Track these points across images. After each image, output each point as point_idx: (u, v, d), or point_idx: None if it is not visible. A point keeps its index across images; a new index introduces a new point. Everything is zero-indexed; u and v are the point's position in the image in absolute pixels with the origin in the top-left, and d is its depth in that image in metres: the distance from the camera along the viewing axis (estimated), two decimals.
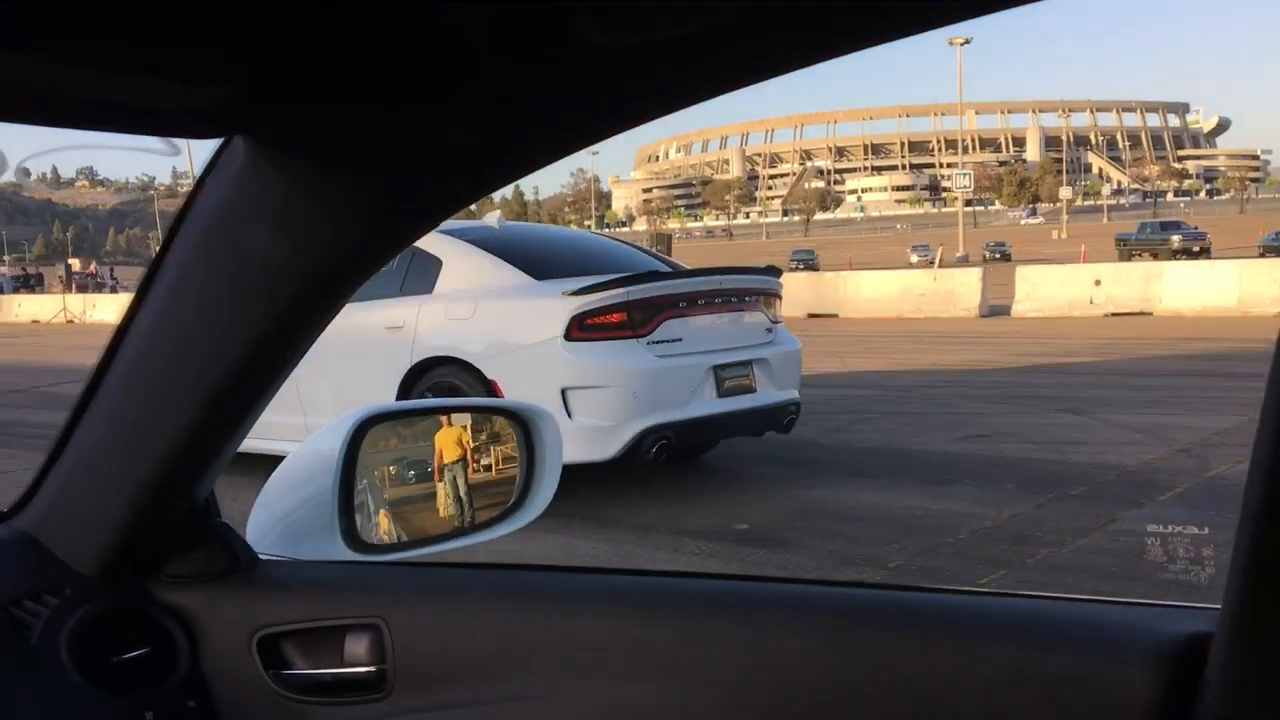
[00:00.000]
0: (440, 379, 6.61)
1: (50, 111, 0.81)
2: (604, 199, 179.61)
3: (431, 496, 1.40)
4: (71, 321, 35.59)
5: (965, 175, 53.06)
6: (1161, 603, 1.01)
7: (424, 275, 6.89)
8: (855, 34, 0.72)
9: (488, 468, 1.41)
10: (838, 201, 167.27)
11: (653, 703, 1.10)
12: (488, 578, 1.25)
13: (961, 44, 53.38)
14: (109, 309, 34.78)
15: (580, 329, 6.20)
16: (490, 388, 6.27)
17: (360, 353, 6.72)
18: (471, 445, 1.41)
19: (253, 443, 4.59)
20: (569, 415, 6.03)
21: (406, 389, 6.66)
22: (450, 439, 1.39)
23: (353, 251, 0.99)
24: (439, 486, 1.39)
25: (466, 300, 6.67)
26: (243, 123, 0.91)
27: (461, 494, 1.39)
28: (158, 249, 1.08)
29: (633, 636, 1.12)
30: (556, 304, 6.29)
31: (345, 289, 1.04)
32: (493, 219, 7.54)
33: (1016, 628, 1.02)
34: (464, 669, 1.16)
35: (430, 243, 6.79)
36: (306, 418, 6.64)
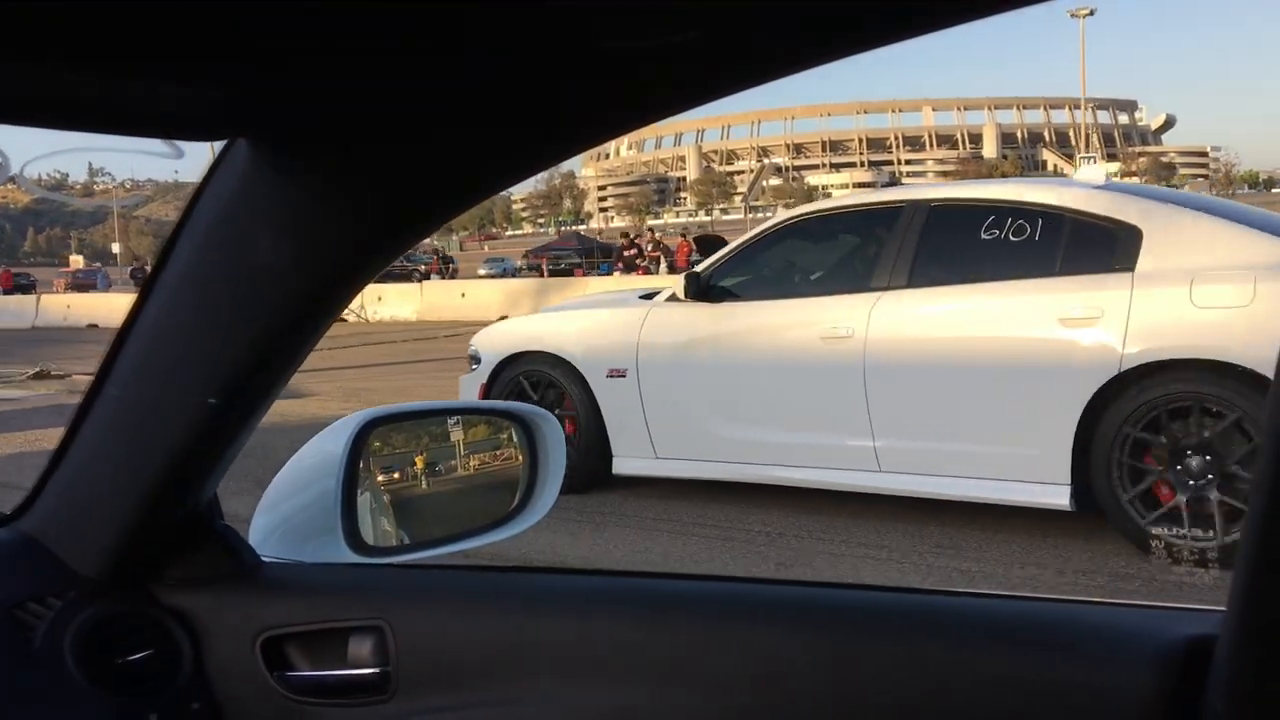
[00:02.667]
0: (1173, 392, 4.68)
1: (53, 115, 0.81)
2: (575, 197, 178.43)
3: (435, 498, 1.40)
4: None
5: (1091, 160, 51.42)
6: (1165, 605, 1.03)
7: (1104, 247, 5.01)
8: (859, 36, 0.73)
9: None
10: (826, 196, 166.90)
11: (656, 705, 1.11)
12: (491, 580, 1.25)
13: (1085, 15, 50.13)
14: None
15: None
16: None
17: (1003, 356, 5.09)
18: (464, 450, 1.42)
19: (820, 474, 4.89)
20: None
21: (1100, 407, 4.79)
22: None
23: (357, 253, 1.00)
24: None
25: (1230, 280, 4.64)
26: (246, 125, 0.91)
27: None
28: (158, 251, 1.08)
29: (637, 639, 1.13)
30: None
31: (349, 290, 1.04)
32: (1096, 174, 5.93)
33: (1018, 630, 1.03)
34: (468, 671, 1.16)
35: (1098, 203, 5.14)
36: (879, 441, 5.36)
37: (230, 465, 1.18)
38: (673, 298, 6.19)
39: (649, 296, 6.54)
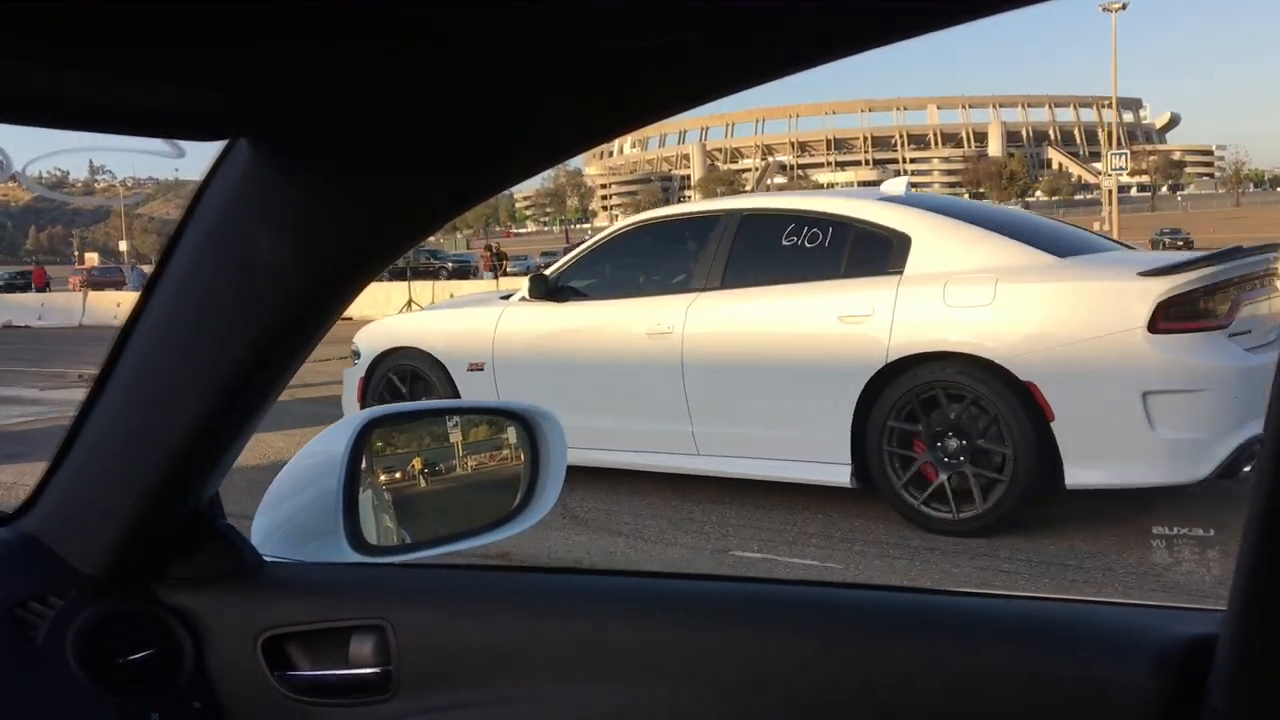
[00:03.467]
0: (930, 381, 5.34)
1: (54, 114, 0.81)
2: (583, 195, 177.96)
3: (436, 498, 1.40)
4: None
5: (1120, 156, 50.52)
6: (1166, 605, 1.02)
7: (880, 252, 5.68)
8: (860, 35, 0.73)
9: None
10: None
11: (657, 705, 1.11)
12: (492, 580, 1.25)
13: (1118, 9, 49.96)
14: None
15: (1166, 318, 4.93)
16: (1024, 392, 5.09)
17: (795, 350, 5.75)
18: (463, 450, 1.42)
19: (646, 458, 5.59)
20: (1151, 426, 4.90)
21: (872, 395, 5.47)
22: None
23: (358, 252, 1.00)
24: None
25: (976, 282, 5.30)
26: (247, 125, 0.92)
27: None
28: (160, 251, 1.08)
29: (638, 639, 1.13)
30: (1133, 287, 5.03)
31: (350, 290, 1.04)
32: (899, 186, 6.54)
33: (1020, 630, 1.03)
34: (469, 670, 1.16)
35: (879, 213, 5.81)
36: (697, 427, 6.00)
37: (232, 464, 1.18)
38: (524, 298, 6.85)
39: (509, 297, 7.18)
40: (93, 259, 76.37)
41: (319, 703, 1.19)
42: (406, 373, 7.07)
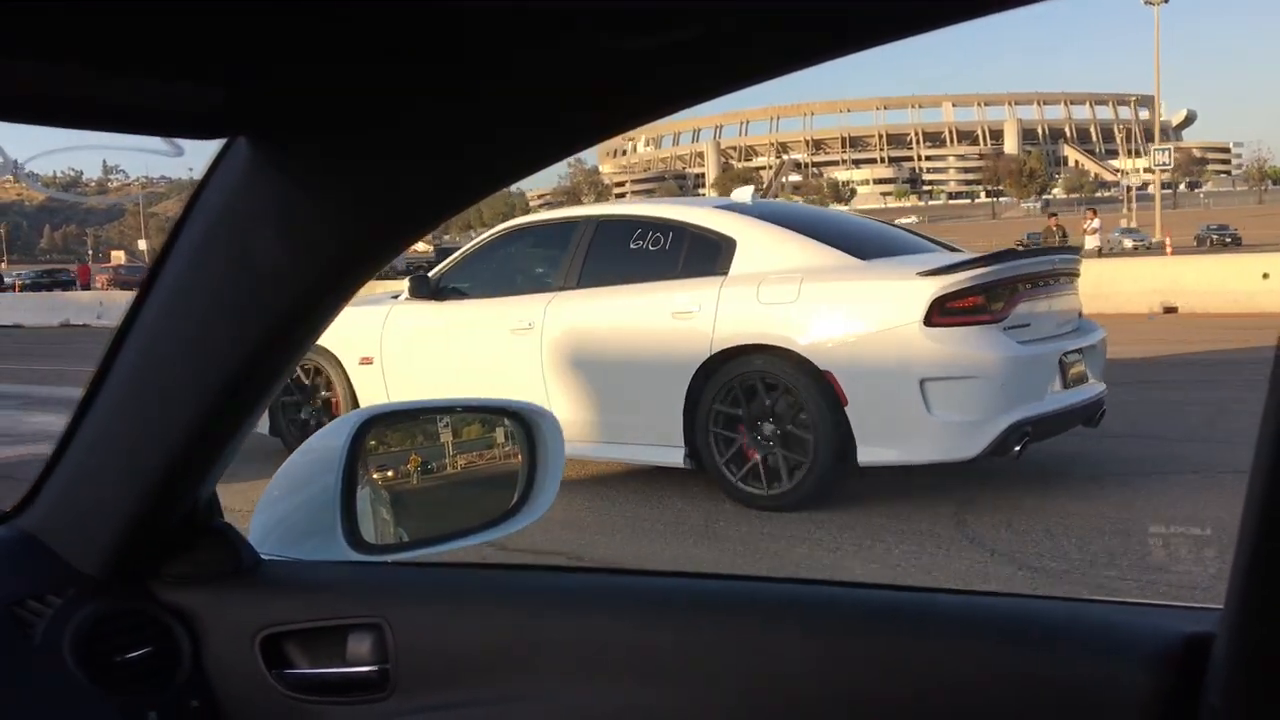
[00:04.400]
0: (747, 371, 5.93)
1: (54, 113, 0.81)
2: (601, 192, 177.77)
3: (434, 496, 1.41)
4: None
5: (1164, 152, 50.08)
6: (1163, 603, 1.02)
7: (710, 255, 6.28)
8: (859, 34, 0.72)
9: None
10: (853, 193, 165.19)
11: (656, 704, 1.10)
12: (490, 578, 1.25)
13: (1160, 2, 49.64)
14: None
15: (941, 313, 5.55)
16: (823, 380, 5.66)
17: (637, 343, 6.34)
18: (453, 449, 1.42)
19: None
20: (928, 409, 5.50)
21: (700, 383, 6.05)
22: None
23: (356, 252, 0.99)
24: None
25: (784, 281, 5.90)
26: (246, 123, 0.91)
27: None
28: (144, 248, 1.08)
29: (636, 637, 1.12)
30: (912, 285, 5.66)
31: (348, 289, 1.04)
32: (745, 194, 7.09)
33: (1018, 628, 1.03)
34: (466, 669, 1.16)
35: (710, 219, 6.46)
36: (555, 414, 6.41)
37: (230, 463, 1.18)
38: (408, 297, 7.33)
39: (398, 296, 7.60)
40: (119, 257, 76.38)
41: (317, 701, 1.19)
42: (309, 366, 7.54)
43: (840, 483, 5.88)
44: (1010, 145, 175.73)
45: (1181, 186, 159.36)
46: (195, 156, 1.02)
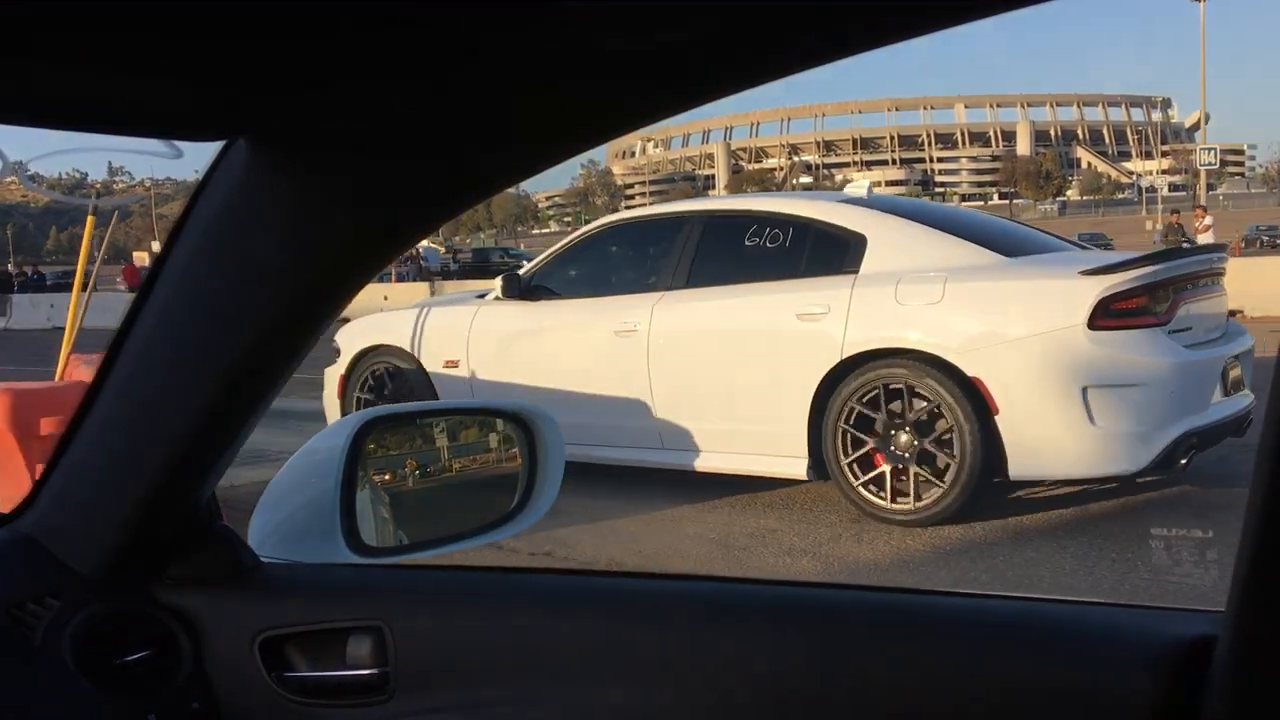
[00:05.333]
0: (883, 376, 5.46)
1: (54, 115, 0.81)
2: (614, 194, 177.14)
3: (434, 499, 1.40)
4: None
5: (1210, 151, 49.83)
6: (1165, 606, 1.02)
7: (837, 252, 5.82)
8: (860, 35, 0.72)
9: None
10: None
11: (656, 705, 1.10)
12: (490, 580, 1.25)
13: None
14: None
15: (1106, 315, 5.05)
16: (971, 387, 5.20)
17: (756, 347, 5.88)
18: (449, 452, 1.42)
19: (612, 453, 5.76)
20: (1090, 419, 5.05)
21: (828, 390, 5.60)
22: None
23: (356, 253, 0.99)
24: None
25: (926, 281, 5.42)
26: (245, 125, 0.91)
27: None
28: (158, 250, 1.08)
29: (636, 638, 1.12)
30: (1074, 285, 5.17)
31: (347, 289, 1.04)
32: (861, 188, 6.70)
33: (1018, 631, 1.03)
34: (466, 672, 1.16)
35: (836, 214, 5.98)
36: (661, 422, 6.16)
37: (229, 465, 1.18)
38: (498, 297, 7.03)
39: (484, 296, 7.33)
40: (141, 258, 76.44)
41: (316, 704, 1.19)
42: (386, 370, 7.25)
43: (985, 498, 5.46)
44: (1023, 147, 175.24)
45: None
46: (196, 158, 1.03)
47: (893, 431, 5.49)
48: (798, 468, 5.78)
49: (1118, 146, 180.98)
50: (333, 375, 7.47)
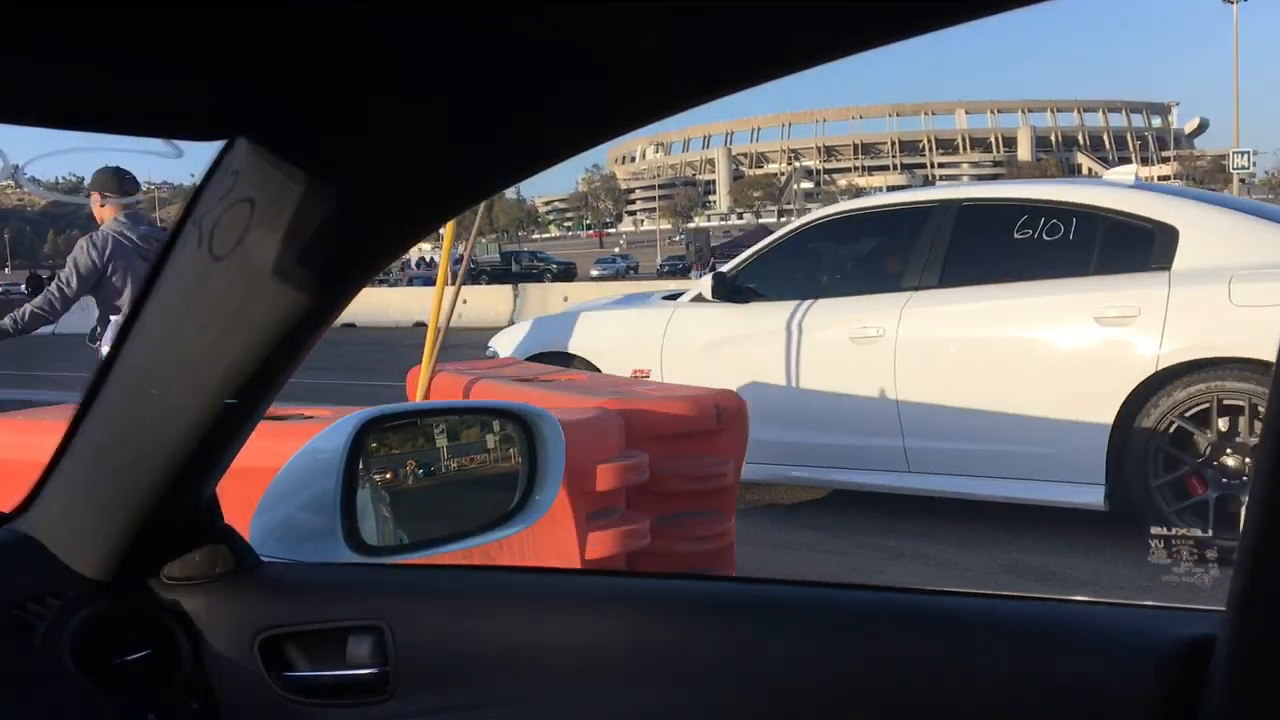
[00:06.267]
0: (1214, 390, 4.64)
1: (54, 115, 0.81)
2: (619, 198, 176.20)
3: (434, 498, 1.40)
4: None
5: (1244, 155, 49.46)
6: (1165, 605, 1.02)
7: (1139, 246, 4.99)
8: (856, 36, 0.72)
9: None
10: None
11: (656, 705, 1.10)
12: (491, 580, 1.25)
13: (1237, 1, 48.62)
14: None
15: None
16: None
17: (1038, 355, 5.06)
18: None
19: (849, 475, 4.98)
20: None
21: (1136, 405, 4.77)
22: None
23: (356, 253, 0.99)
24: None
25: (1272, 279, 4.58)
26: (246, 125, 0.91)
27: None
28: (159, 251, 1.08)
29: (635, 639, 1.12)
30: None
31: (348, 290, 1.04)
32: (1127, 174, 5.93)
33: (1019, 630, 1.03)
34: (467, 671, 1.16)
35: (1134, 202, 5.16)
36: (909, 441, 5.37)
37: (230, 464, 1.18)
38: (698, 298, 6.24)
39: (672, 298, 6.58)
40: None
41: (316, 703, 1.19)
42: None
43: None
44: (1024, 152, 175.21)
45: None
46: (195, 159, 1.03)
47: (1221, 458, 4.73)
48: (1091, 496, 4.97)
49: (1118, 152, 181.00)
50: None
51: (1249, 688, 0.75)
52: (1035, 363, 5.06)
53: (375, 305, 24.57)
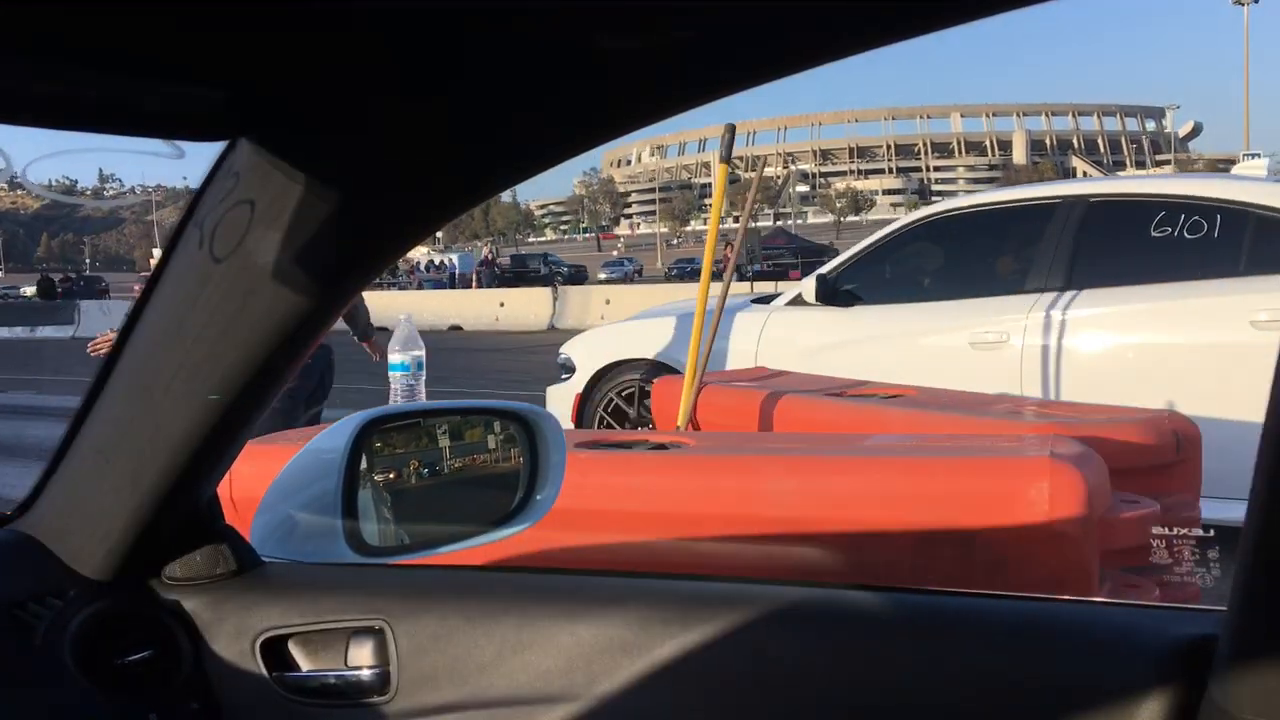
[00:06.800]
0: None
1: (54, 115, 0.81)
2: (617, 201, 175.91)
3: (435, 498, 1.41)
4: None
5: (1258, 156, 49.15)
6: (1165, 605, 1.02)
7: None
8: (856, 37, 0.72)
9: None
10: (871, 204, 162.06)
11: (656, 705, 1.10)
12: (491, 580, 1.25)
13: (1249, 1, 47.42)
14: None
15: None
16: None
17: (1190, 363, 4.68)
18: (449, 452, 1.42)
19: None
20: None
21: None
22: None
23: (357, 253, 1.00)
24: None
25: None
26: (246, 125, 0.92)
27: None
28: (160, 252, 1.08)
29: (636, 639, 1.12)
30: None
31: (348, 291, 1.04)
32: (1259, 166, 5.65)
33: (1020, 631, 1.03)
34: (467, 671, 1.16)
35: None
36: None
37: (231, 465, 1.18)
38: (795, 301, 5.91)
39: (762, 301, 6.23)
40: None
41: (317, 704, 1.19)
42: (636, 390, 5.93)
43: None
44: (1019, 156, 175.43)
45: None
46: (195, 159, 1.03)
47: None
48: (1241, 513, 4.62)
49: (1112, 156, 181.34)
50: (564, 394, 6.21)
51: (1250, 689, 0.75)
52: (1182, 370, 4.69)
53: (411, 307, 24.62)
